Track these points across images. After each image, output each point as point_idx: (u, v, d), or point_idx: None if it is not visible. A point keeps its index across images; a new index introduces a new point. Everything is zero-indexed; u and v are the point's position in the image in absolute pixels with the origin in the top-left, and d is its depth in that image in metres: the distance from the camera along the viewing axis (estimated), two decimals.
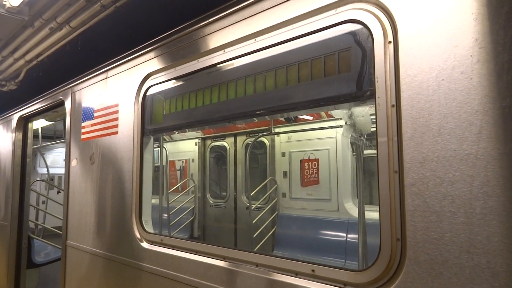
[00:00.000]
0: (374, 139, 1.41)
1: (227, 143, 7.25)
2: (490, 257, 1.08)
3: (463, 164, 1.14)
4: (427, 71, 1.25)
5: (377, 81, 1.39)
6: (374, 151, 1.43)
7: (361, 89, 1.57)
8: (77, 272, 3.13)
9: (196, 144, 7.68)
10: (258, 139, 6.54)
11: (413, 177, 1.25)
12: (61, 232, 3.48)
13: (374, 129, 1.44)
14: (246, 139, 6.90)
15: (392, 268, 1.30)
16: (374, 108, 1.40)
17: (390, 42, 1.37)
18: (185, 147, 7.89)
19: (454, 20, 1.21)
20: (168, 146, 7.85)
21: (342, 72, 1.65)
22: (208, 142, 7.61)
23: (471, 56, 1.16)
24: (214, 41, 2.11)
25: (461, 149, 1.15)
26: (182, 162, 7.95)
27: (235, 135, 7.10)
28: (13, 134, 4.62)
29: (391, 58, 1.36)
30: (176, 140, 8.09)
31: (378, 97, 1.38)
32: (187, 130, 6.27)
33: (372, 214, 4.24)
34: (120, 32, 3.64)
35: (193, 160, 7.72)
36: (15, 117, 4.64)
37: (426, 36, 1.27)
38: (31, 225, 5.54)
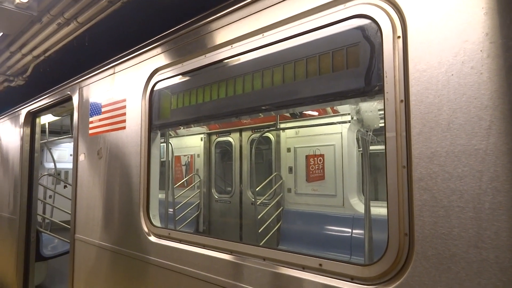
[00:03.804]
0: (380, 135, 1.41)
1: (232, 138, 7.26)
2: (499, 252, 1.08)
3: (472, 159, 1.14)
4: (436, 66, 1.25)
5: (386, 76, 1.39)
6: (380, 147, 1.43)
7: (369, 84, 1.56)
8: (85, 265, 3.17)
9: (201, 140, 7.70)
10: (264, 135, 6.54)
11: (422, 172, 1.25)
12: (68, 226, 3.51)
13: (382, 124, 1.44)
14: (252, 134, 6.90)
15: (399, 263, 1.30)
16: (383, 103, 1.40)
17: (399, 37, 1.37)
18: (191, 142, 7.92)
19: (464, 15, 1.20)
20: (173, 141, 7.88)
21: (350, 67, 1.65)
22: (214, 137, 7.63)
23: (481, 51, 1.16)
24: (221, 36, 2.11)
25: (470, 144, 1.15)
26: (188, 157, 7.98)
27: (240, 131, 7.11)
28: (21, 129, 4.67)
29: (400, 53, 1.36)
30: (182, 135, 8.11)
31: (387, 92, 1.38)
32: (193, 125, 6.29)
33: (378, 210, 4.24)
34: (127, 27, 3.65)
35: (198, 155, 7.74)
36: (23, 112, 4.68)
37: (436, 30, 1.27)
38: (39, 219, 5.61)
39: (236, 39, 2.02)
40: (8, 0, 2.94)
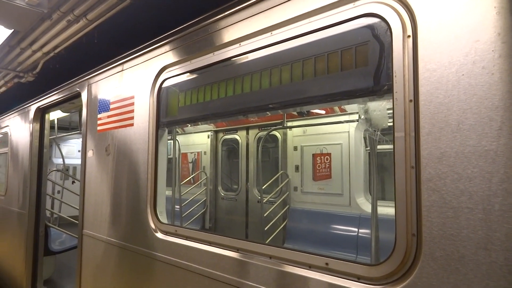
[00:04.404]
0: (388, 134, 1.40)
1: (239, 136, 7.27)
2: (508, 254, 1.07)
3: (482, 160, 1.13)
4: (446, 65, 1.24)
5: (395, 76, 1.38)
6: (387, 146, 1.43)
7: (378, 84, 1.55)
8: (93, 260, 3.21)
9: (208, 137, 7.72)
10: (270, 133, 6.54)
11: (430, 172, 1.24)
12: (76, 221, 3.55)
13: (391, 124, 1.43)
14: (258, 132, 6.90)
15: (407, 263, 1.30)
16: (392, 103, 1.39)
17: (409, 36, 1.36)
18: (198, 140, 7.95)
19: (475, 14, 1.19)
20: (180, 138, 7.91)
21: (359, 66, 1.64)
22: (220, 135, 7.65)
23: (492, 51, 1.14)
24: (230, 34, 2.11)
25: (480, 145, 1.14)
26: (194, 154, 8.01)
27: (247, 129, 7.11)
28: (31, 125, 4.72)
29: (410, 52, 1.35)
30: (189, 133, 8.14)
31: (396, 92, 1.37)
32: (200, 123, 6.30)
33: (385, 209, 4.22)
34: (136, 24, 3.67)
35: (205, 152, 7.77)
36: (33, 108, 4.73)
37: (447, 30, 1.25)
38: (47, 214, 5.68)
39: (245, 37, 2.02)
40: None
